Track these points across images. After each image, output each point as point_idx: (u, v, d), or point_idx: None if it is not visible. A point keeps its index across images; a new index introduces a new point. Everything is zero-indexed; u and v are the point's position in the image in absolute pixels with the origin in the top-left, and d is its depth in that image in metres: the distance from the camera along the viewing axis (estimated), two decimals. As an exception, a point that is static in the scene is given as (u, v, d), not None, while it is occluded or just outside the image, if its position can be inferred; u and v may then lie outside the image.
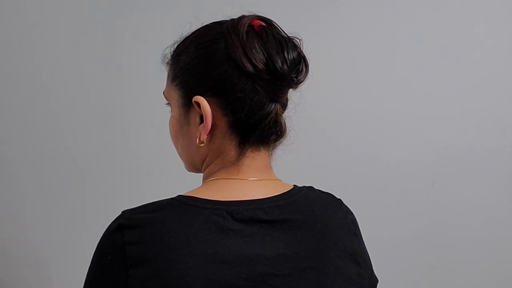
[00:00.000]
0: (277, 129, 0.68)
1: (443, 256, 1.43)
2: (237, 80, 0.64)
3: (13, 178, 1.58)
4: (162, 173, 1.44)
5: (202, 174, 0.72)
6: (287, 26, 0.69)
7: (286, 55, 0.64)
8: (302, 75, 0.66)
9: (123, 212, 0.64)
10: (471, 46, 1.41)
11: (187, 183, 0.72)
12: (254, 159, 0.68)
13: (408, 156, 1.43)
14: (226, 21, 0.68)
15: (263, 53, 0.63)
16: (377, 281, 0.72)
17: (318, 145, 1.45)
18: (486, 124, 1.40)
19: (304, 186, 0.71)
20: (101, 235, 0.64)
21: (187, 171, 0.74)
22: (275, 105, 0.66)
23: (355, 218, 0.73)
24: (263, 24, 0.65)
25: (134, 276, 0.60)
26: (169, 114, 0.72)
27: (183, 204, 0.64)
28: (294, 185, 0.71)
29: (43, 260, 1.57)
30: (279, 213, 0.64)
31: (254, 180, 0.67)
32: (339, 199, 0.73)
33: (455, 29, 1.41)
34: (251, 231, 0.62)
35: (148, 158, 1.49)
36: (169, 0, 1.43)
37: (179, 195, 0.66)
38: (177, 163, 0.73)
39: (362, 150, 1.44)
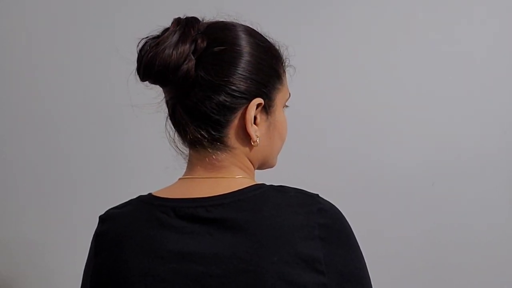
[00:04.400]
0: (186, 130, 0.67)
1: (443, 255, 1.42)
2: None
3: (10, 179, 1.58)
4: (162, 173, 1.44)
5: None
6: (286, 26, 0.68)
7: (140, 55, 0.65)
8: (142, 76, 0.66)
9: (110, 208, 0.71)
10: (471, 46, 1.40)
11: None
12: (200, 158, 0.68)
13: (408, 155, 1.42)
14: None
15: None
16: None
17: (317, 144, 1.45)
18: (486, 123, 1.39)
19: (270, 185, 0.66)
20: None
21: (182, 172, 0.74)
22: (175, 105, 0.67)
23: (336, 223, 0.63)
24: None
25: (95, 264, 0.67)
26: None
27: (140, 202, 0.68)
28: (257, 183, 0.66)
29: (42, 257, 1.58)
30: (221, 212, 0.62)
31: (204, 179, 0.67)
32: (317, 200, 0.64)
33: (455, 29, 1.40)
34: (192, 229, 0.62)
35: (148, 157, 1.49)
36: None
37: (149, 193, 0.69)
38: (173, 164, 0.73)
39: (362, 149, 1.43)
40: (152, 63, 0.63)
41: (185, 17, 0.66)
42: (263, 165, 0.75)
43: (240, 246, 0.60)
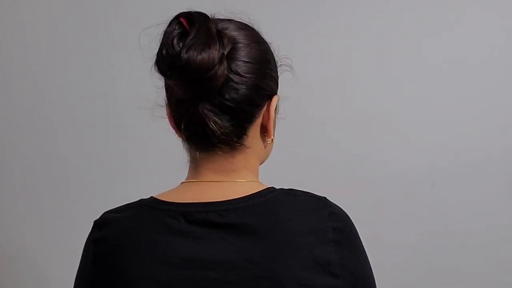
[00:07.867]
0: (207, 131, 0.62)
1: (442, 256, 1.41)
2: (166, 81, 0.64)
3: (8, 179, 1.58)
4: (160, 173, 1.43)
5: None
6: (285, 26, 0.67)
7: (169, 50, 0.59)
8: (171, 75, 0.60)
9: (104, 212, 0.67)
10: (471, 46, 1.40)
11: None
12: (210, 161, 0.66)
13: (408, 156, 1.42)
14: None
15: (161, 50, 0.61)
16: None
17: (317, 145, 1.44)
18: (486, 123, 1.39)
19: (280, 189, 0.65)
20: None
21: (183, 173, 0.72)
22: (196, 104, 0.62)
23: (347, 226, 0.65)
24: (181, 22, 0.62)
25: (94, 272, 0.63)
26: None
27: (143, 206, 0.65)
28: (268, 187, 0.66)
29: (39, 260, 1.57)
30: (234, 217, 0.61)
31: (213, 182, 0.65)
32: (327, 203, 0.65)
33: (454, 28, 1.40)
34: (204, 234, 0.61)
35: (146, 158, 1.49)
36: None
37: (150, 197, 0.67)
38: (175, 166, 0.72)
39: (362, 150, 1.43)
40: (187, 64, 0.58)
41: (195, 12, 0.63)
42: (260, 164, 0.74)
43: (256, 252, 0.59)
